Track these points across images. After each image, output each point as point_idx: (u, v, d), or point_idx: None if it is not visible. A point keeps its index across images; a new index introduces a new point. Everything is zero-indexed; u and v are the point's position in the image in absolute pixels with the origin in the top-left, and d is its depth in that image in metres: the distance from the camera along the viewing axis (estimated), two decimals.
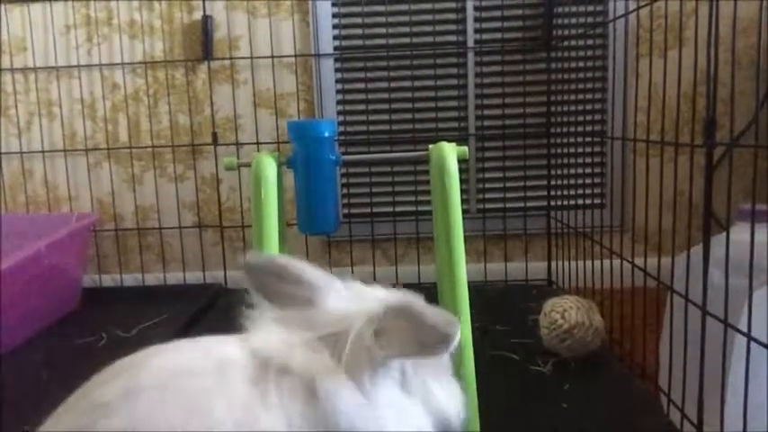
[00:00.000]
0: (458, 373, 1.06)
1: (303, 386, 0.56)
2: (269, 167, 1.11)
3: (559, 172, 2.09)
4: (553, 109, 2.11)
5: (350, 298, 0.66)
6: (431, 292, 0.74)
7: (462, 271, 1.05)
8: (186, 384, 0.54)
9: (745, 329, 1.00)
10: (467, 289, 1.05)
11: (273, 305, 0.65)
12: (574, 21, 2.06)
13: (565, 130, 2.03)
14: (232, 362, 0.58)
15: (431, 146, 1.10)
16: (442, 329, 0.56)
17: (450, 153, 1.06)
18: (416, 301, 0.59)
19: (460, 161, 1.08)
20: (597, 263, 1.69)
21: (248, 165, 1.15)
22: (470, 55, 2.16)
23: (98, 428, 0.51)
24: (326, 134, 1.17)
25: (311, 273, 0.66)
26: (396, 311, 0.59)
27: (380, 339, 0.59)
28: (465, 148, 1.09)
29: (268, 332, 0.62)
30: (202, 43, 2.17)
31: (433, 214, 1.09)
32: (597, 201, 2.17)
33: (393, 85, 2.17)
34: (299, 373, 0.57)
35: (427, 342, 0.57)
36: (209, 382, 0.55)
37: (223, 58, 2.20)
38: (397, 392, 0.62)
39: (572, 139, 1.97)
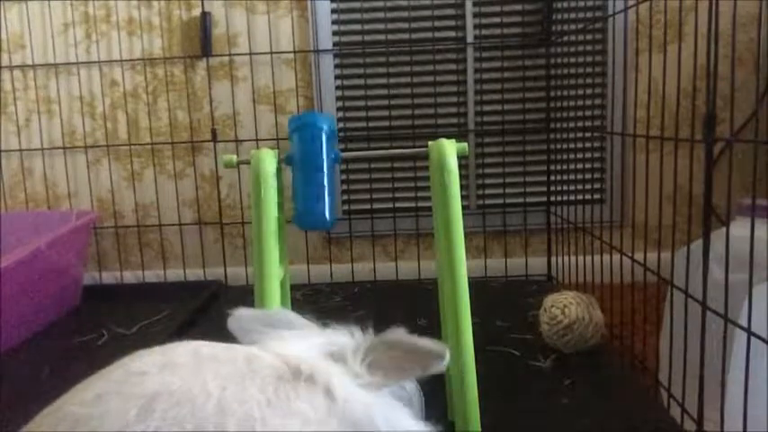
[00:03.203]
0: (455, 367, 1.06)
1: (324, 388, 0.58)
2: (268, 164, 1.11)
3: (559, 167, 2.09)
4: (553, 104, 2.11)
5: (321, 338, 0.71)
6: (430, 289, 0.75)
7: (462, 267, 1.05)
8: (217, 369, 0.54)
9: (745, 325, 1.00)
10: (467, 285, 1.05)
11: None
12: (573, 16, 2.06)
13: (564, 125, 2.02)
14: (258, 356, 0.58)
15: (430, 142, 1.09)
16: (435, 350, 0.63)
17: (449, 149, 1.06)
18: (400, 332, 0.66)
19: (460, 157, 1.08)
20: (597, 258, 1.69)
21: (247, 162, 1.15)
22: (470, 50, 2.16)
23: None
24: (325, 129, 1.17)
25: (291, 316, 0.73)
26: (389, 343, 0.65)
27: (370, 370, 0.64)
28: (465, 145, 1.09)
29: (282, 344, 0.65)
30: (201, 40, 2.17)
31: (433, 210, 1.09)
32: (597, 196, 2.17)
33: (392, 80, 2.17)
34: (323, 378, 0.59)
35: (423, 363, 0.64)
36: (240, 367, 0.55)
37: (222, 55, 2.19)
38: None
39: (572, 135, 1.97)
